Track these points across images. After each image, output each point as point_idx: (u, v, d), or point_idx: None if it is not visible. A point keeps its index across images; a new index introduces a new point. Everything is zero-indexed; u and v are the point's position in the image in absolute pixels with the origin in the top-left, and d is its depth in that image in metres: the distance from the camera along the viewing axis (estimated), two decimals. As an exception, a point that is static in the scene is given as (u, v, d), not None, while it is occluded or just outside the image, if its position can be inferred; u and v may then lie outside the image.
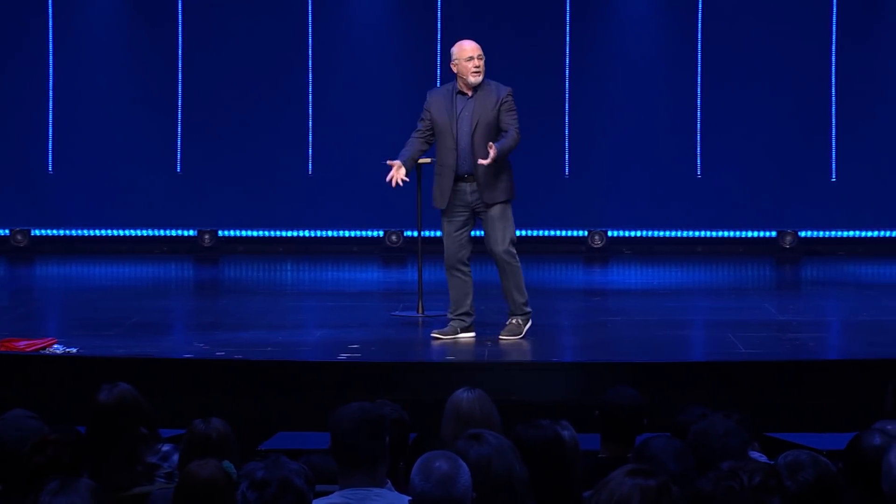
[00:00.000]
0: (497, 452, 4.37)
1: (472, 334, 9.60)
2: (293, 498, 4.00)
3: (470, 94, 9.39)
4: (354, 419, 4.85)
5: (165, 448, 5.89)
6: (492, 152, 9.16)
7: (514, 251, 9.53)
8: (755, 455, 5.31)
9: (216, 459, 4.41)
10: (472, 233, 9.67)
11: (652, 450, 4.46)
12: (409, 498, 4.85)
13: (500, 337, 9.54)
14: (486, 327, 9.91)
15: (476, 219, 9.56)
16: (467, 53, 9.40)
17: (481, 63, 9.38)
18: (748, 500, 3.15)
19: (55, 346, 8.99)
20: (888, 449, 4.04)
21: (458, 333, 9.55)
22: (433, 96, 9.52)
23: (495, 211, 9.46)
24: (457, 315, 9.58)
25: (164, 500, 5.24)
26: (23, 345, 8.91)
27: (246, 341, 9.53)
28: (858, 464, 4.21)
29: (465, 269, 9.55)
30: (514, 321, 9.57)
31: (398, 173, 9.44)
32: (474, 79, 9.37)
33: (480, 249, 9.83)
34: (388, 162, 9.56)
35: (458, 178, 9.44)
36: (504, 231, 9.44)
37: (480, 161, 9.23)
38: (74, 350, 8.96)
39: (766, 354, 9.03)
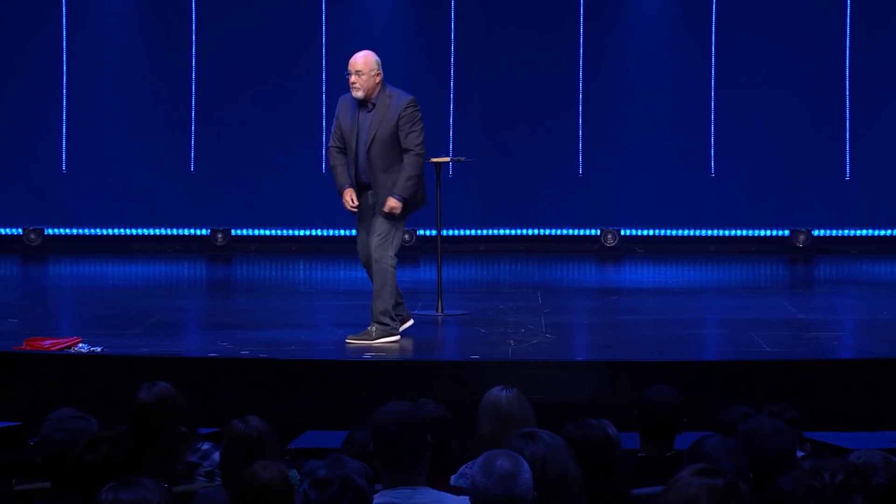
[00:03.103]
0: (552, 451, 4.37)
1: (395, 337, 9.41)
2: (355, 497, 3.99)
3: (369, 106, 9.30)
4: (396, 420, 4.84)
5: (205, 446, 5.89)
6: (388, 205, 9.18)
7: (390, 257, 9.32)
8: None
9: (282, 464, 4.41)
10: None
11: (706, 449, 4.46)
12: (450, 495, 4.87)
13: (347, 339, 9.39)
14: (508, 326, 9.91)
15: None
16: (348, 68, 9.34)
17: (358, 79, 9.23)
18: (830, 498, 3.14)
19: (80, 345, 8.98)
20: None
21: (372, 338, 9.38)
22: (341, 104, 9.46)
23: (383, 216, 9.34)
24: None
25: (209, 498, 5.24)
26: (48, 344, 8.91)
27: (268, 340, 9.52)
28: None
29: None
30: (370, 327, 9.40)
31: (353, 200, 9.33)
32: (353, 94, 9.29)
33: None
34: (347, 196, 9.38)
35: (360, 187, 9.38)
36: (384, 235, 9.29)
37: (380, 208, 9.22)
38: (99, 349, 8.96)
39: (791, 353, 9.04)
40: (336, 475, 4.01)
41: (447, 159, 11.14)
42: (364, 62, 9.27)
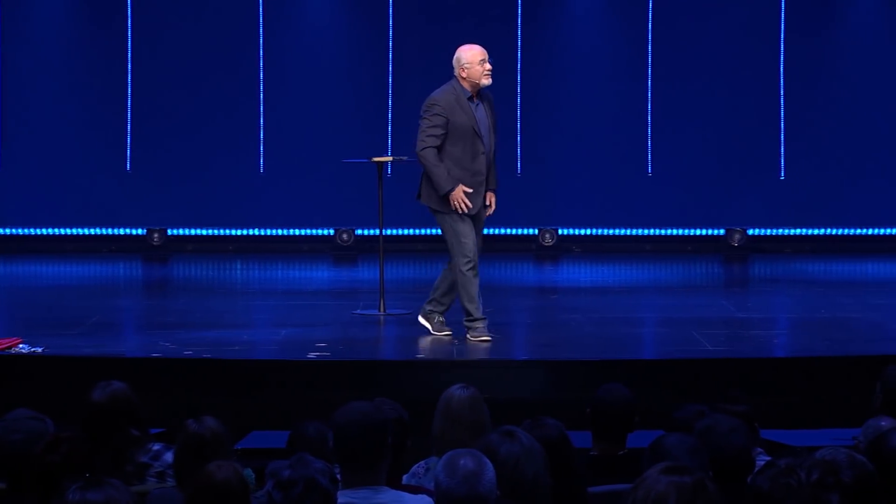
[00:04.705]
0: (527, 454, 4.35)
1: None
2: (319, 498, 3.99)
3: (475, 98, 9.30)
4: (357, 420, 4.83)
5: (156, 447, 5.85)
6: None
7: None
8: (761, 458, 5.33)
9: (237, 463, 4.39)
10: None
11: (666, 447, 4.49)
12: (409, 495, 4.87)
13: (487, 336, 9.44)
14: (451, 325, 9.91)
15: None
16: (479, 57, 9.25)
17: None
18: (807, 497, 3.17)
19: (21, 345, 8.89)
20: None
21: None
22: (446, 101, 9.25)
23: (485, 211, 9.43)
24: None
25: (163, 499, 5.22)
26: (-12, 344, 8.83)
27: (211, 340, 9.47)
28: (887, 465, 4.15)
29: None
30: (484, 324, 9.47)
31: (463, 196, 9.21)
32: (488, 81, 9.26)
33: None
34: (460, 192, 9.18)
35: (478, 183, 9.30)
36: None
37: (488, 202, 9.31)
38: (40, 349, 8.87)
39: (732, 352, 9.11)
40: (300, 476, 4.00)
41: (388, 159, 11.15)
42: None
